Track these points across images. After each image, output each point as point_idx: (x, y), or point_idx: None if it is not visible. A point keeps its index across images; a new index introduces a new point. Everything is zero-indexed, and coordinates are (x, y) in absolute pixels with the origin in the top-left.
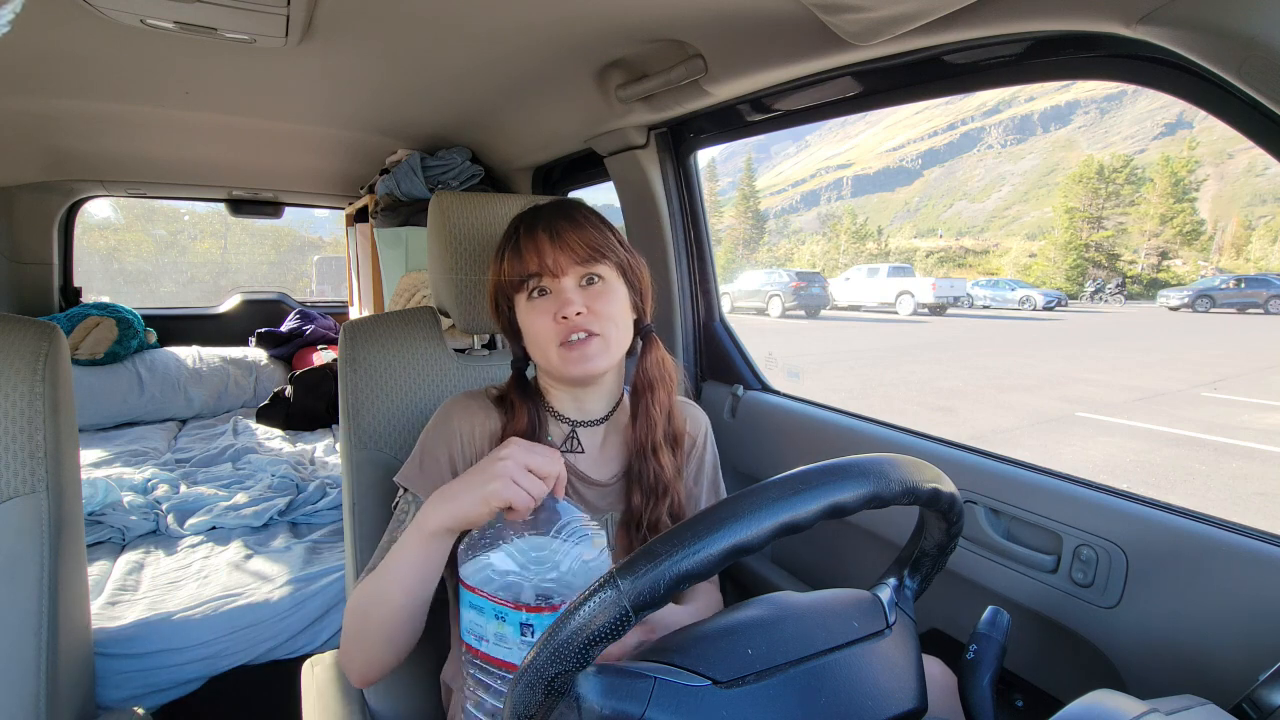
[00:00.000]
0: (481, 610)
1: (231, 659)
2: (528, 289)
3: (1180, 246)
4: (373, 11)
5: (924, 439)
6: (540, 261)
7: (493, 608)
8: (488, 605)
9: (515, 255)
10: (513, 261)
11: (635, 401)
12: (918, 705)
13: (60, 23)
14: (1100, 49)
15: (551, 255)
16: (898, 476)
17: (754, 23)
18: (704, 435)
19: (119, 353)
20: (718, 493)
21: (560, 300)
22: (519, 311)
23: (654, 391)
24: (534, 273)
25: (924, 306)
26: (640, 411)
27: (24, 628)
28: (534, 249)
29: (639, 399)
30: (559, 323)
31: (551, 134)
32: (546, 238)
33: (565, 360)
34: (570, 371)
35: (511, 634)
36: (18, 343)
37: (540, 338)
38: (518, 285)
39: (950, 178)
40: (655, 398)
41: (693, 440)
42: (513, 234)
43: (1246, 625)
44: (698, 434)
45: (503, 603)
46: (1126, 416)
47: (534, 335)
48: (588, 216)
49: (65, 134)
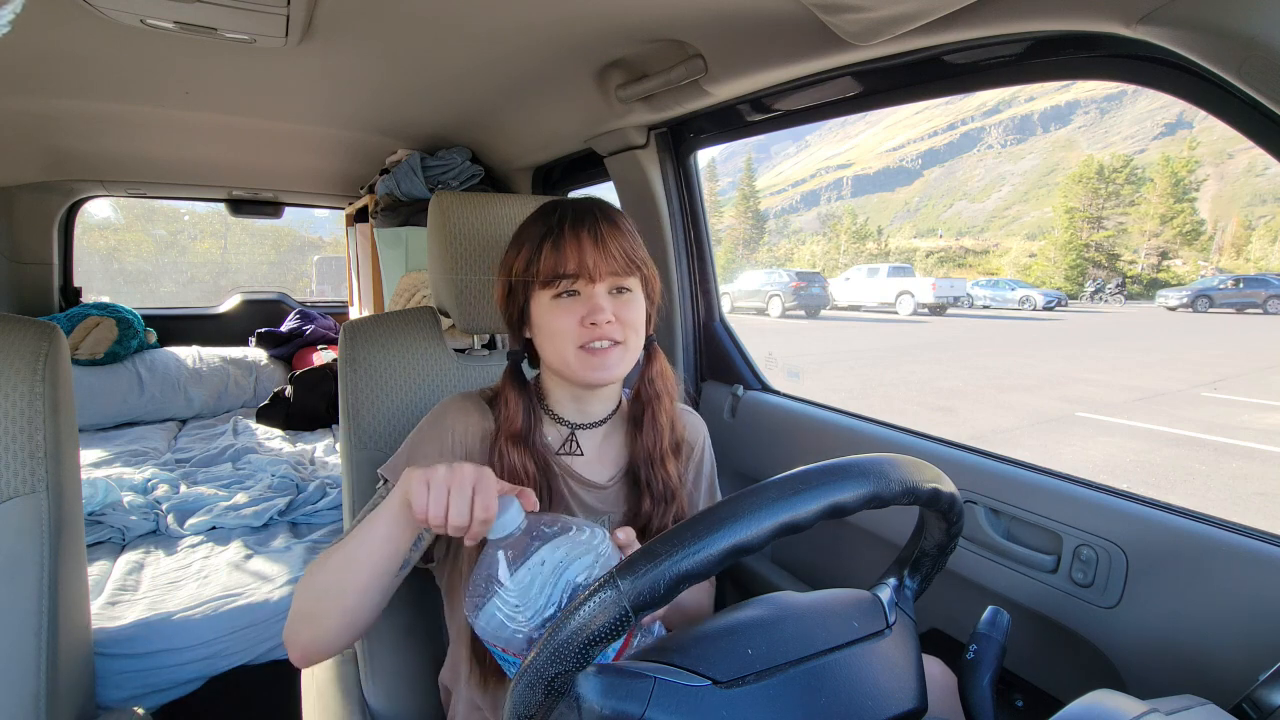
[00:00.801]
0: (505, 662)
1: (231, 659)
2: (557, 287)
3: (1180, 246)
4: (373, 11)
5: (924, 439)
6: (580, 263)
7: (504, 658)
8: (502, 656)
9: (554, 250)
10: (549, 256)
11: (640, 410)
12: (918, 705)
13: (60, 23)
14: (1100, 49)
15: (593, 259)
16: (898, 476)
17: (754, 23)
18: (703, 443)
19: (119, 353)
20: (714, 498)
21: (591, 305)
22: (538, 306)
23: (660, 400)
24: (571, 273)
25: (924, 306)
26: (647, 421)
27: (24, 628)
28: (576, 249)
29: (645, 408)
30: (585, 327)
31: (551, 134)
32: (591, 241)
33: (585, 365)
34: (588, 377)
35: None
36: (18, 343)
37: (561, 337)
38: (547, 281)
39: (950, 178)
40: (662, 406)
41: (691, 447)
42: (553, 227)
43: (1246, 625)
44: (697, 442)
45: (517, 655)
46: (1126, 416)
47: (554, 333)
48: (627, 225)
49: (65, 134)
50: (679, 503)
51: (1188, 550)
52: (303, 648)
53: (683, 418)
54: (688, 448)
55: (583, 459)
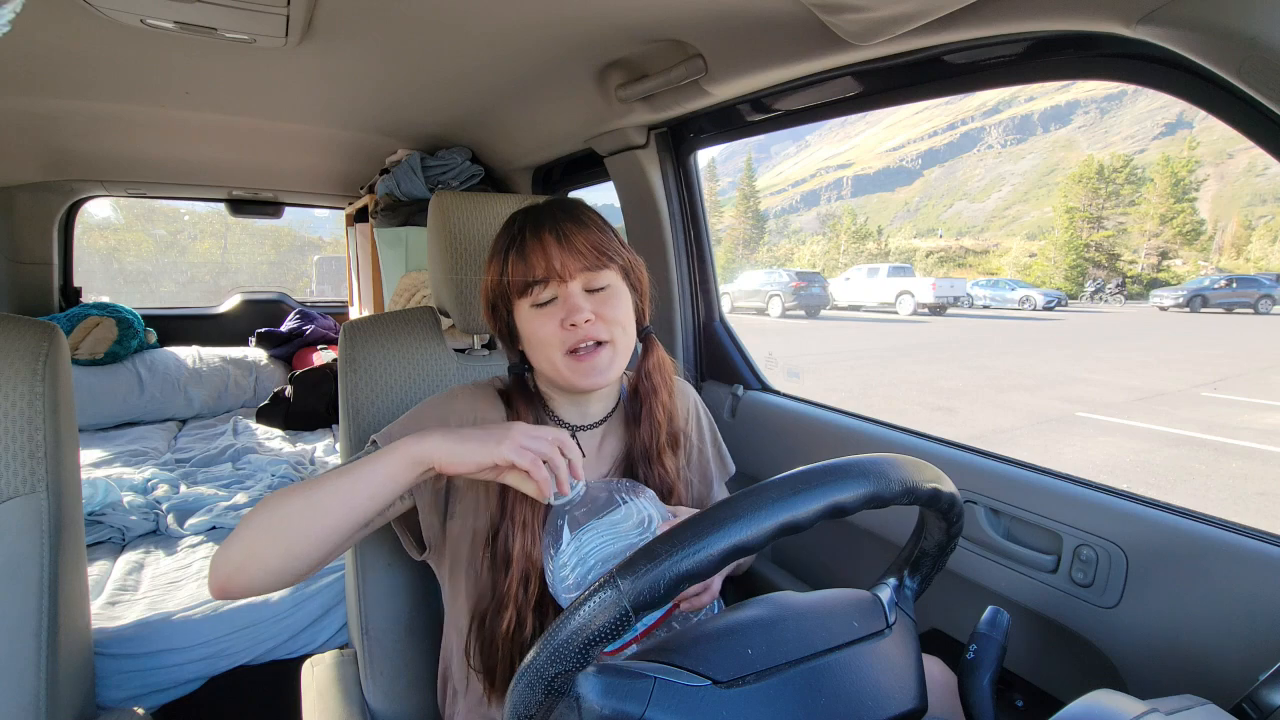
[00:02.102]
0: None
1: (231, 659)
2: (532, 294)
3: (1180, 246)
4: (373, 11)
5: (924, 439)
6: (548, 265)
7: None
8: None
9: (520, 258)
10: (516, 264)
11: (637, 405)
12: (918, 705)
13: (60, 23)
14: (1100, 49)
15: (559, 259)
16: (898, 476)
17: (754, 23)
18: (694, 419)
19: (119, 353)
20: (721, 455)
21: (568, 306)
22: (520, 317)
23: (657, 394)
24: (540, 278)
25: (924, 306)
26: (645, 416)
27: (24, 628)
28: (540, 252)
29: (642, 403)
30: (567, 330)
31: (551, 134)
32: (554, 240)
33: (575, 371)
34: (580, 383)
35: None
36: (18, 343)
37: (546, 345)
38: (521, 290)
39: (950, 178)
40: (659, 400)
41: (687, 438)
42: (515, 235)
43: (1246, 625)
44: (689, 421)
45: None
46: (1126, 416)
47: (539, 342)
48: (592, 217)
49: (65, 134)
50: (677, 496)
51: (1188, 550)
52: (225, 578)
53: (677, 399)
54: (684, 438)
55: (583, 461)
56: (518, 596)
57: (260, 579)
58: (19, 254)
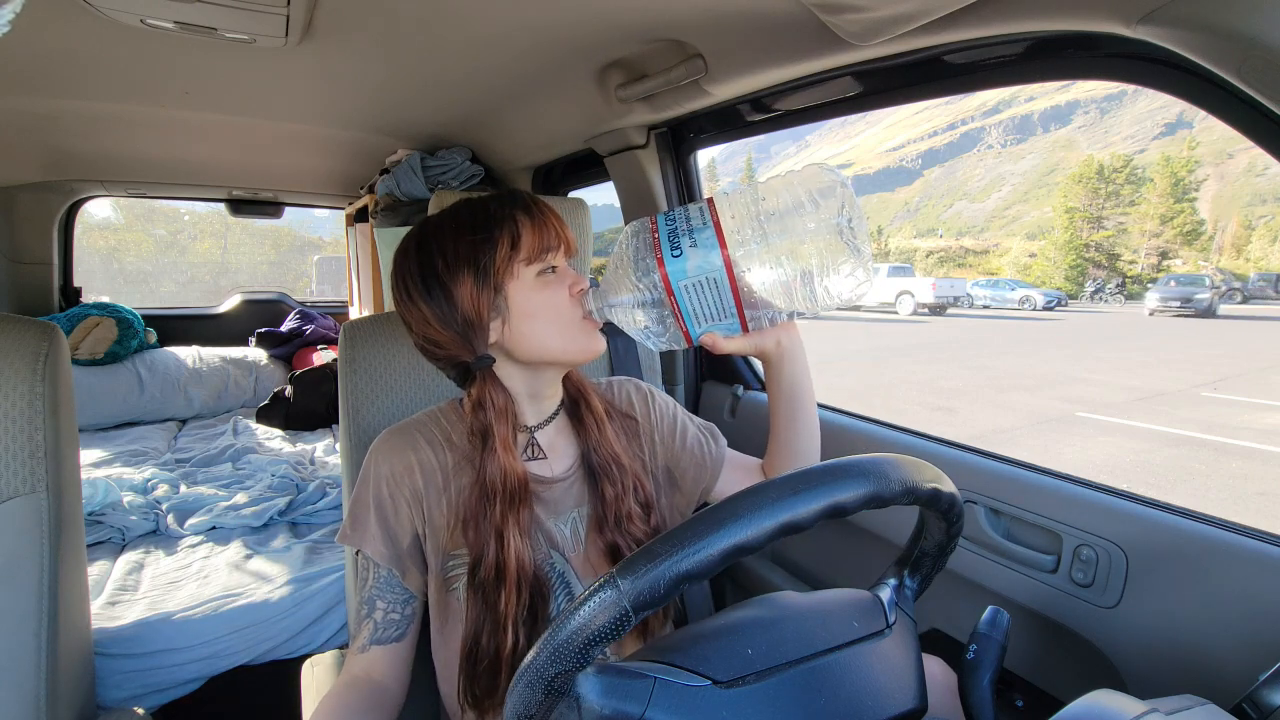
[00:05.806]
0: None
1: (231, 659)
2: (545, 260)
3: (1180, 246)
4: (373, 12)
5: (924, 439)
6: (561, 234)
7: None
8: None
9: (539, 228)
10: (536, 233)
11: (573, 407)
12: (918, 705)
13: (60, 23)
14: (1100, 49)
15: (561, 232)
16: (898, 476)
17: (754, 23)
18: (648, 402)
19: (119, 353)
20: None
21: (573, 276)
22: (523, 293)
23: (586, 394)
24: (554, 245)
25: (924, 306)
26: (583, 404)
27: (24, 628)
28: (554, 221)
29: (576, 404)
30: (576, 296)
31: (551, 134)
32: (551, 214)
33: (591, 336)
34: (594, 347)
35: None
36: (18, 343)
37: (563, 315)
38: (535, 255)
39: (950, 178)
40: (589, 402)
41: (639, 421)
42: (520, 204)
43: (1246, 625)
44: (639, 403)
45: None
46: (1126, 416)
47: (550, 311)
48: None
49: (65, 134)
50: (640, 486)
51: (1188, 550)
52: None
53: (614, 388)
54: (642, 423)
55: (542, 461)
56: (515, 614)
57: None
58: (19, 254)
